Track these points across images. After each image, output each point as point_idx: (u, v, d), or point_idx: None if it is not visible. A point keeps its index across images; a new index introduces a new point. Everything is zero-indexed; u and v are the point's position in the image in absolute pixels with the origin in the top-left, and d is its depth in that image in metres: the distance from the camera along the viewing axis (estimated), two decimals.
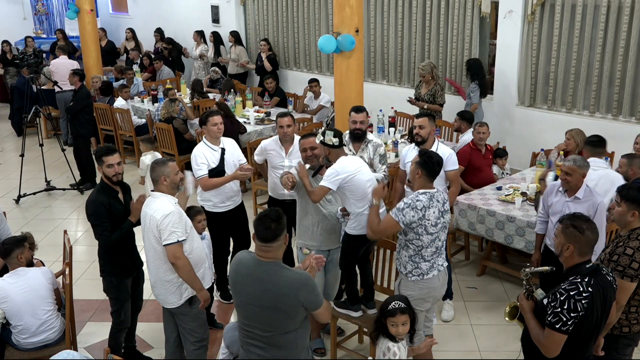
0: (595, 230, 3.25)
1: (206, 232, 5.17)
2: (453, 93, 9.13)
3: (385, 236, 4.37)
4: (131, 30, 13.31)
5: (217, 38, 12.08)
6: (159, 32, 13.30)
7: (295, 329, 3.39)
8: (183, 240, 4.06)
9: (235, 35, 11.81)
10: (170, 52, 12.56)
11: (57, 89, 10.11)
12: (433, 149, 5.22)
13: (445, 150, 5.29)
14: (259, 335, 3.40)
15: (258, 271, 3.34)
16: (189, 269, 4.10)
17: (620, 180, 4.94)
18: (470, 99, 8.32)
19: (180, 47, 12.72)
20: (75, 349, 4.69)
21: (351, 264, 4.88)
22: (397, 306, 3.76)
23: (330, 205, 4.83)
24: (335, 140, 4.69)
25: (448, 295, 5.52)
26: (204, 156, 5.36)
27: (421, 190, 4.15)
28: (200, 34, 12.32)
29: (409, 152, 5.44)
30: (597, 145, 5.33)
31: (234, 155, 5.56)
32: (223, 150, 5.47)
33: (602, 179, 5.03)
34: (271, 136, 6.13)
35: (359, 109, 5.53)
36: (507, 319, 3.66)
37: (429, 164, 4.15)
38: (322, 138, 4.73)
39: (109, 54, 13.00)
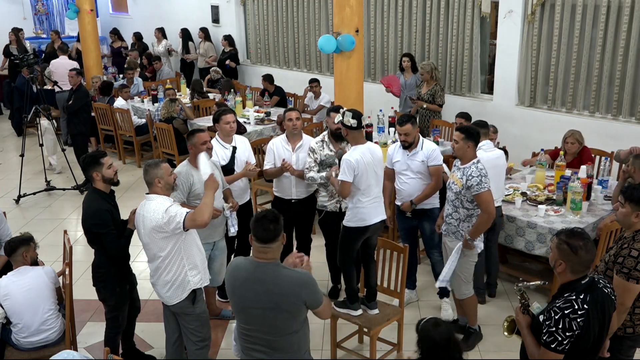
0: (591, 251, 3.12)
1: None
2: (453, 93, 9.13)
3: (493, 211, 4.68)
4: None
5: (185, 34, 12.46)
6: (115, 32, 13.42)
7: (297, 330, 3.37)
8: (190, 211, 4.08)
9: (204, 31, 12.19)
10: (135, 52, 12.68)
11: (57, 89, 10.11)
12: (419, 146, 5.41)
13: (429, 145, 5.44)
14: (261, 338, 3.35)
15: (258, 273, 3.30)
16: (210, 208, 4.11)
17: (503, 156, 5.65)
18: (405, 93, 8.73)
19: (145, 46, 12.89)
20: (75, 349, 4.69)
21: (349, 259, 4.87)
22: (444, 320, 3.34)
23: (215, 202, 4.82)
24: (354, 122, 4.75)
25: (445, 293, 5.52)
26: (215, 153, 5.40)
27: (474, 160, 4.70)
28: (160, 31, 12.59)
29: (396, 152, 5.52)
30: (485, 127, 5.75)
31: (245, 154, 5.61)
32: (234, 148, 5.53)
33: (501, 157, 5.59)
34: (272, 136, 6.13)
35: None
36: (505, 333, 3.54)
37: (474, 135, 4.72)
38: (341, 118, 4.83)
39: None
